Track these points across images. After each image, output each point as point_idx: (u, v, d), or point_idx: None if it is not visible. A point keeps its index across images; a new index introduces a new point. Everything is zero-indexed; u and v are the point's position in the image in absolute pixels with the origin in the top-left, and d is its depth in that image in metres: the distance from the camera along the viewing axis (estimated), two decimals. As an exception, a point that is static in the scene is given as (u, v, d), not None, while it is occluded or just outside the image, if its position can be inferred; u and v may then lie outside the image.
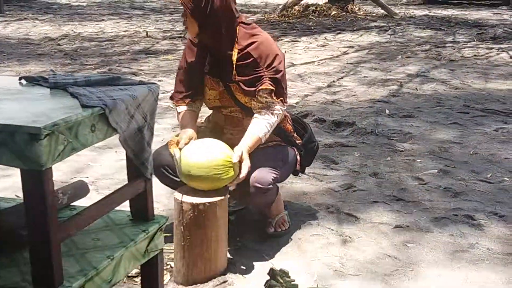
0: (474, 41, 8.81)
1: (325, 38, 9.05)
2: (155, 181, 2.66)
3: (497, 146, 4.17)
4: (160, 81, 6.14)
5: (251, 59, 2.57)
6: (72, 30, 9.62)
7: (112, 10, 12.22)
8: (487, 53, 7.83)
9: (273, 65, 2.56)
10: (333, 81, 6.23)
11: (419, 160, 3.89)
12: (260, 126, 2.55)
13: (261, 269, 2.55)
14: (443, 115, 4.97)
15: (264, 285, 1.93)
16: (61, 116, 1.57)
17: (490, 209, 3.13)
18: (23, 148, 1.50)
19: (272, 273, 1.93)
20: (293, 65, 7.02)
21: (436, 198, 3.28)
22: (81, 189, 2.25)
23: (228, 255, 2.63)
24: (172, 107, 4.95)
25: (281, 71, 2.61)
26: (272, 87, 2.55)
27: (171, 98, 2.79)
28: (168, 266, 2.60)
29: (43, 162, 1.51)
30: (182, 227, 2.45)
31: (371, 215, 3.08)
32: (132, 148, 1.96)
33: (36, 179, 1.54)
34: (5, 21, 10.59)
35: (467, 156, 3.97)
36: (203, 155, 2.42)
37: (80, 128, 1.64)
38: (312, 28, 10.10)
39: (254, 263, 2.62)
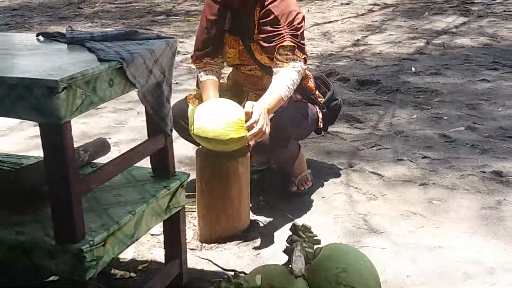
0: (504, -3, 8.53)
1: (349, -4, 8.84)
2: (178, 141, 2.66)
3: (527, 102, 4.06)
4: (182, 42, 6.08)
5: (272, 16, 2.51)
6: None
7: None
8: (517, 9, 7.58)
9: (294, 23, 2.50)
10: (358, 40, 6.10)
11: (445, 118, 3.80)
12: (281, 84, 2.46)
13: (283, 227, 2.54)
14: (471, 72, 4.84)
15: (286, 241, 1.90)
16: (78, 70, 1.55)
17: (519, 166, 3.06)
18: (41, 102, 1.49)
19: (294, 228, 1.91)
20: (317, 24, 6.90)
21: (462, 156, 3.22)
22: (102, 146, 2.25)
23: (251, 214, 2.62)
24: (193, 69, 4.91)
25: (302, 28, 2.55)
26: (293, 44, 2.49)
27: (191, 57, 2.74)
28: (191, 225, 2.60)
29: (62, 115, 1.49)
30: (204, 184, 2.44)
31: (396, 173, 3.03)
32: (151, 104, 1.94)
33: (55, 132, 1.52)
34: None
35: (495, 113, 3.87)
36: (211, 119, 2.34)
37: (98, 82, 1.62)
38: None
39: (276, 221, 2.60)
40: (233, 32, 2.61)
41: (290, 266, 1.82)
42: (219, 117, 2.32)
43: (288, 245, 1.88)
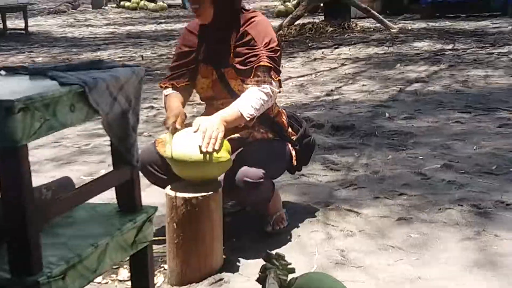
0: (473, 47, 8.76)
1: (323, 53, 9.01)
2: (147, 190, 2.60)
3: (502, 141, 4.07)
4: (155, 99, 6.08)
5: (248, 38, 2.53)
6: (67, 59, 9.60)
7: (108, 40, 12.23)
8: (487, 58, 7.76)
9: (270, 45, 2.51)
10: (331, 90, 6.16)
11: (421, 157, 3.79)
12: (242, 100, 2.45)
13: (258, 266, 2.43)
14: (445, 115, 4.88)
15: (259, 270, 1.82)
16: (37, 92, 1.50)
17: (496, 198, 3.02)
18: (-3, 124, 1.42)
19: (267, 256, 1.83)
20: (290, 78, 6.97)
21: (439, 191, 3.18)
22: (66, 185, 2.16)
23: (224, 255, 2.53)
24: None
25: (278, 51, 2.55)
26: (269, 65, 2.48)
27: (159, 84, 2.73)
28: (162, 268, 2.50)
29: (18, 138, 1.43)
30: (174, 223, 2.35)
31: (373, 210, 2.97)
32: (116, 134, 1.89)
33: (11, 156, 1.45)
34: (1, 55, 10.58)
35: (470, 152, 3.87)
36: (192, 141, 2.34)
37: (59, 106, 1.57)
38: (310, 44, 10.07)
39: (251, 260, 2.51)
40: (206, 60, 2.61)
41: (263, 295, 1.73)
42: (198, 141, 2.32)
43: (261, 274, 1.79)
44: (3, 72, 1.96)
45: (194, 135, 2.35)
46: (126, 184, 1.93)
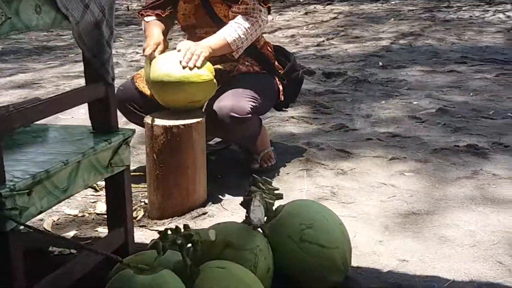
0: (469, 5, 8.58)
1: (315, 8, 8.80)
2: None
3: (499, 88, 3.94)
4: (140, 45, 5.87)
5: None
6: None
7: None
8: (482, 15, 7.60)
9: None
10: (323, 41, 5.98)
11: (415, 102, 3.65)
12: (229, 29, 2.30)
13: (245, 202, 2.31)
14: (440, 64, 4.74)
15: (244, 196, 1.68)
16: (-6, -17, 1.33)
17: (494, 140, 2.90)
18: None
19: (253, 180, 1.69)
20: (280, 29, 6.77)
21: (435, 134, 3.05)
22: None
23: (208, 191, 2.39)
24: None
25: None
26: None
27: (138, 12, 2.54)
28: (142, 203, 2.36)
29: (-27, 32, 1.27)
30: (154, 154, 2.20)
31: (365, 150, 2.84)
32: (89, 46, 1.72)
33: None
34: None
35: (467, 98, 3.74)
36: (172, 61, 2.20)
37: (22, 5, 1.41)
38: (301, 0, 9.84)
39: (236, 197, 2.37)
40: None
41: (248, 218, 1.60)
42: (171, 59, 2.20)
43: (246, 197, 1.65)
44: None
45: (175, 56, 2.20)
46: (100, 102, 1.77)
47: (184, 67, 2.17)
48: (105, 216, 2.22)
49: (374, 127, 3.21)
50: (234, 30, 2.29)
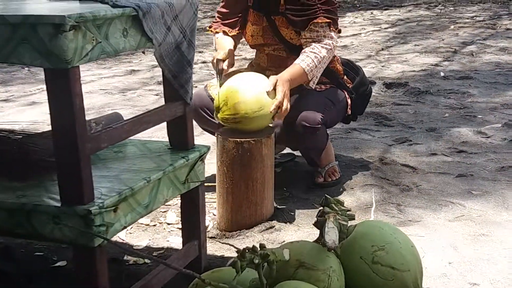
0: (531, 11, 8.36)
1: (372, 13, 8.74)
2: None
3: None
4: (201, 52, 5.98)
5: None
6: None
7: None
8: (547, 22, 7.39)
9: None
10: (382, 49, 5.94)
11: (480, 116, 3.60)
12: (305, 58, 2.33)
13: (309, 216, 2.35)
14: (503, 76, 4.64)
15: (317, 215, 1.71)
16: (89, 10, 1.40)
17: None
18: (47, 43, 1.34)
19: (325, 200, 1.72)
20: (339, 36, 6.75)
21: (501, 150, 3.00)
22: (115, 120, 2.08)
23: (275, 204, 2.43)
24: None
25: (335, 3, 2.41)
26: (328, 20, 2.34)
27: (209, 27, 2.61)
28: (211, 214, 2.42)
29: (69, 58, 1.34)
30: (224, 167, 2.26)
31: (430, 166, 2.82)
32: (170, 68, 1.78)
33: (62, 78, 1.37)
34: None
35: (533, 112, 3.67)
36: (248, 90, 2.22)
37: (111, 29, 1.48)
38: (358, 5, 9.79)
39: (302, 210, 2.41)
40: (257, 7, 2.47)
41: (322, 240, 1.62)
42: (253, 92, 2.20)
43: (319, 217, 1.68)
44: (54, -2, 1.88)
45: (246, 86, 2.23)
46: (178, 120, 1.84)
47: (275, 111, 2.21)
48: (176, 226, 2.30)
49: (438, 141, 3.18)
50: (310, 59, 2.32)
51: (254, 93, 2.20)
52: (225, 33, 2.56)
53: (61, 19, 1.32)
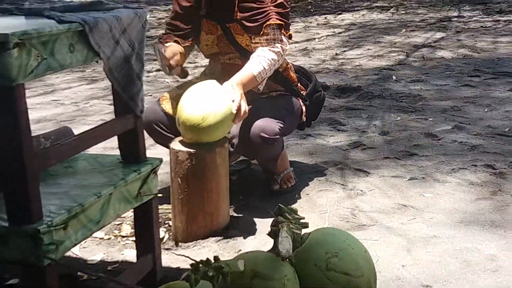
0: (480, 15, 8.59)
1: (326, 18, 8.84)
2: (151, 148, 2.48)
3: (513, 104, 3.96)
4: (155, 60, 5.94)
5: None
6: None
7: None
8: (494, 25, 7.60)
9: (278, 0, 2.37)
10: (336, 54, 6.02)
11: (431, 119, 3.68)
12: (255, 63, 2.32)
13: (265, 225, 2.35)
14: (453, 79, 4.76)
15: (271, 225, 1.72)
16: (34, 28, 1.38)
17: (511, 159, 2.92)
18: (-10, 60, 1.31)
19: (279, 210, 1.73)
20: (295, 42, 6.81)
21: (451, 152, 3.08)
22: (65, 135, 2.05)
23: (231, 212, 2.44)
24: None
25: (287, 7, 2.42)
26: (280, 23, 2.35)
27: (159, 39, 2.58)
28: (166, 225, 2.41)
29: (14, 76, 1.32)
30: (179, 179, 2.25)
31: (383, 170, 2.87)
32: (119, 80, 1.76)
33: (6, 96, 1.34)
34: None
35: (482, 113, 3.77)
36: (189, 105, 2.20)
37: (57, 45, 1.45)
38: (312, 10, 9.88)
39: (258, 219, 2.42)
40: (210, 16, 2.46)
41: (276, 249, 1.64)
42: (193, 106, 2.17)
43: (273, 227, 1.69)
44: (-4, 13, 1.84)
45: (199, 98, 2.22)
46: (129, 133, 1.82)
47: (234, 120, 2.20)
48: (131, 238, 2.28)
49: (391, 145, 3.24)
50: (259, 62, 2.32)
51: (194, 106, 2.17)
52: (177, 42, 2.53)
53: (4, 37, 1.29)
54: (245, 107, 2.20)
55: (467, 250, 2.09)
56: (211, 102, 2.17)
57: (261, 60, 2.32)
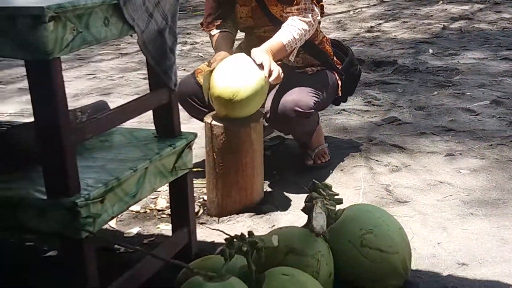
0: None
1: (361, -10, 8.67)
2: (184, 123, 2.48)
3: (554, 77, 3.85)
4: (189, 34, 5.93)
5: None
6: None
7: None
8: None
9: None
10: (371, 27, 5.92)
11: (468, 93, 3.60)
12: (284, 32, 2.30)
13: (299, 200, 2.34)
14: (492, 51, 4.64)
15: (305, 200, 1.71)
16: (69, 0, 1.37)
17: (552, 134, 2.85)
18: (26, 34, 1.32)
19: (313, 186, 1.72)
20: (328, 14, 6.71)
21: (490, 127, 3.01)
22: (101, 109, 2.07)
23: (265, 188, 2.44)
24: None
25: None
26: None
27: (201, 24, 2.57)
28: (201, 199, 2.42)
29: (49, 49, 1.32)
30: (214, 153, 2.25)
31: (419, 146, 2.83)
32: (153, 54, 1.76)
33: (43, 70, 1.35)
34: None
35: (521, 88, 3.67)
36: (220, 80, 2.19)
37: (92, 19, 1.45)
38: (347, -18, 9.70)
39: (292, 194, 2.41)
40: None
41: (310, 225, 1.63)
42: (224, 81, 2.16)
43: (307, 203, 1.68)
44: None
45: (230, 72, 2.20)
46: (163, 107, 1.83)
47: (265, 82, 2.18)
48: (166, 212, 2.30)
49: (427, 120, 3.18)
50: (289, 32, 2.29)
51: (226, 81, 2.16)
52: (218, 27, 2.52)
53: (39, 10, 1.29)
54: (277, 68, 2.18)
55: (504, 227, 2.05)
56: (243, 76, 2.15)
57: (291, 30, 2.29)
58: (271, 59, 2.19)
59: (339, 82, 2.60)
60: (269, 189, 2.44)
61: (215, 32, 2.50)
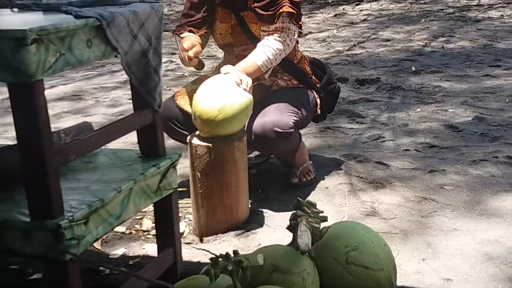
0: (499, 3, 8.47)
1: (343, 9, 8.78)
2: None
3: (535, 94, 3.90)
4: (174, 54, 5.95)
5: None
6: None
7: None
8: (514, 14, 7.50)
9: None
10: (354, 45, 5.98)
11: (451, 110, 3.64)
12: (259, 52, 2.34)
13: (285, 218, 2.33)
14: (473, 69, 4.70)
15: (290, 218, 1.72)
16: (51, 23, 1.38)
17: (533, 150, 2.88)
18: (8, 57, 1.32)
19: (298, 204, 1.72)
20: (311, 33, 6.78)
21: (472, 143, 3.05)
22: (85, 130, 2.06)
23: (250, 206, 2.44)
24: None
25: None
26: (293, 11, 2.34)
27: (173, 32, 2.58)
28: (187, 219, 2.42)
29: (32, 72, 1.33)
30: (198, 173, 2.25)
31: (403, 162, 2.85)
32: (137, 75, 1.77)
33: (25, 92, 1.35)
34: None
35: (503, 104, 3.72)
36: (203, 98, 2.20)
37: (74, 41, 1.46)
38: (330, 1, 9.82)
39: (277, 212, 2.42)
40: (224, 4, 2.46)
41: (295, 243, 1.63)
42: (208, 98, 2.18)
43: (292, 221, 1.69)
44: (15, 9, 1.85)
45: (214, 91, 2.22)
46: (148, 128, 1.83)
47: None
48: (152, 232, 2.29)
49: (411, 137, 3.21)
50: (263, 52, 2.33)
51: (210, 99, 2.17)
52: (191, 32, 2.53)
53: (22, 33, 1.30)
54: (246, 78, 2.23)
55: (488, 243, 2.07)
56: (226, 94, 2.17)
57: (265, 50, 2.32)
58: (243, 77, 2.23)
59: (318, 100, 2.62)
60: (254, 208, 2.44)
61: (185, 34, 2.48)
